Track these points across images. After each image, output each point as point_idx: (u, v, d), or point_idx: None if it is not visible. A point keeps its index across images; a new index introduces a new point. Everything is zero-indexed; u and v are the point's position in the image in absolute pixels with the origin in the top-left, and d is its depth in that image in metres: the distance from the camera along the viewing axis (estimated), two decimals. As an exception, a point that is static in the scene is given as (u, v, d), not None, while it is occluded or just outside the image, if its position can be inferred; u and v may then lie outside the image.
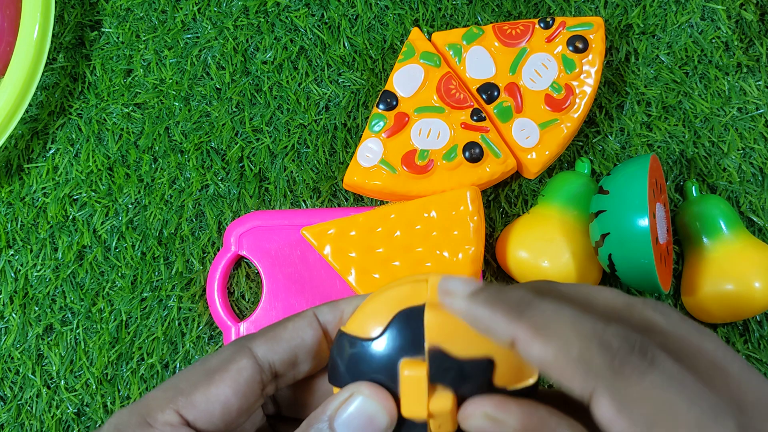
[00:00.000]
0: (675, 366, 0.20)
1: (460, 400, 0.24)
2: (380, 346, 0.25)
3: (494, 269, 0.44)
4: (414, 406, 0.24)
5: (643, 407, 0.20)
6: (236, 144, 0.46)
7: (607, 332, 0.21)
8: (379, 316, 0.25)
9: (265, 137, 0.46)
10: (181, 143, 0.46)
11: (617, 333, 0.21)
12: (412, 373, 0.24)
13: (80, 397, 0.43)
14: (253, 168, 0.46)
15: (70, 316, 0.44)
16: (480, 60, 0.44)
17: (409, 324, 0.25)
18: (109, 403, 0.43)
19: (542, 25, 0.44)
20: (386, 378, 0.25)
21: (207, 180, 0.46)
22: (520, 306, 0.22)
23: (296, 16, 0.48)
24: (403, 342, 0.25)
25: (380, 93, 0.44)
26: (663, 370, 0.20)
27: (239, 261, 0.45)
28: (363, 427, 0.24)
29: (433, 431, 0.25)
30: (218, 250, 0.45)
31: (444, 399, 0.24)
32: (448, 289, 0.24)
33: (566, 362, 0.21)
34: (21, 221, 0.46)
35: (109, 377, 0.44)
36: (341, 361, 0.25)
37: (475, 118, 0.43)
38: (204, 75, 0.47)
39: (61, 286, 0.45)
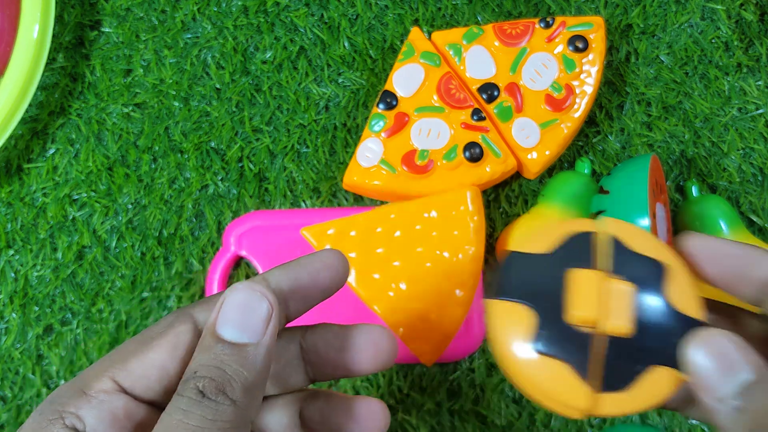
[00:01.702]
0: None
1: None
2: (553, 259, 0.26)
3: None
4: (583, 305, 0.25)
5: None
6: (236, 144, 0.46)
7: None
8: (550, 237, 0.26)
9: (265, 137, 0.46)
10: (180, 143, 0.46)
11: None
12: (584, 272, 0.25)
13: (80, 397, 0.43)
14: (252, 168, 0.46)
15: (70, 316, 0.44)
16: (480, 60, 0.44)
17: (580, 243, 0.26)
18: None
19: (542, 24, 0.44)
20: (556, 287, 0.25)
21: (206, 180, 0.46)
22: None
23: (296, 16, 0.48)
24: (574, 255, 0.26)
25: (380, 93, 0.44)
26: None
27: (239, 261, 0.45)
28: (243, 317, 0.23)
29: (597, 325, 0.24)
30: (218, 250, 0.44)
31: (622, 285, 0.25)
32: None
33: None
34: (21, 221, 0.45)
35: (108, 377, 0.44)
36: (514, 274, 0.26)
37: (475, 117, 0.43)
38: (204, 75, 0.47)
39: (61, 286, 0.45)
